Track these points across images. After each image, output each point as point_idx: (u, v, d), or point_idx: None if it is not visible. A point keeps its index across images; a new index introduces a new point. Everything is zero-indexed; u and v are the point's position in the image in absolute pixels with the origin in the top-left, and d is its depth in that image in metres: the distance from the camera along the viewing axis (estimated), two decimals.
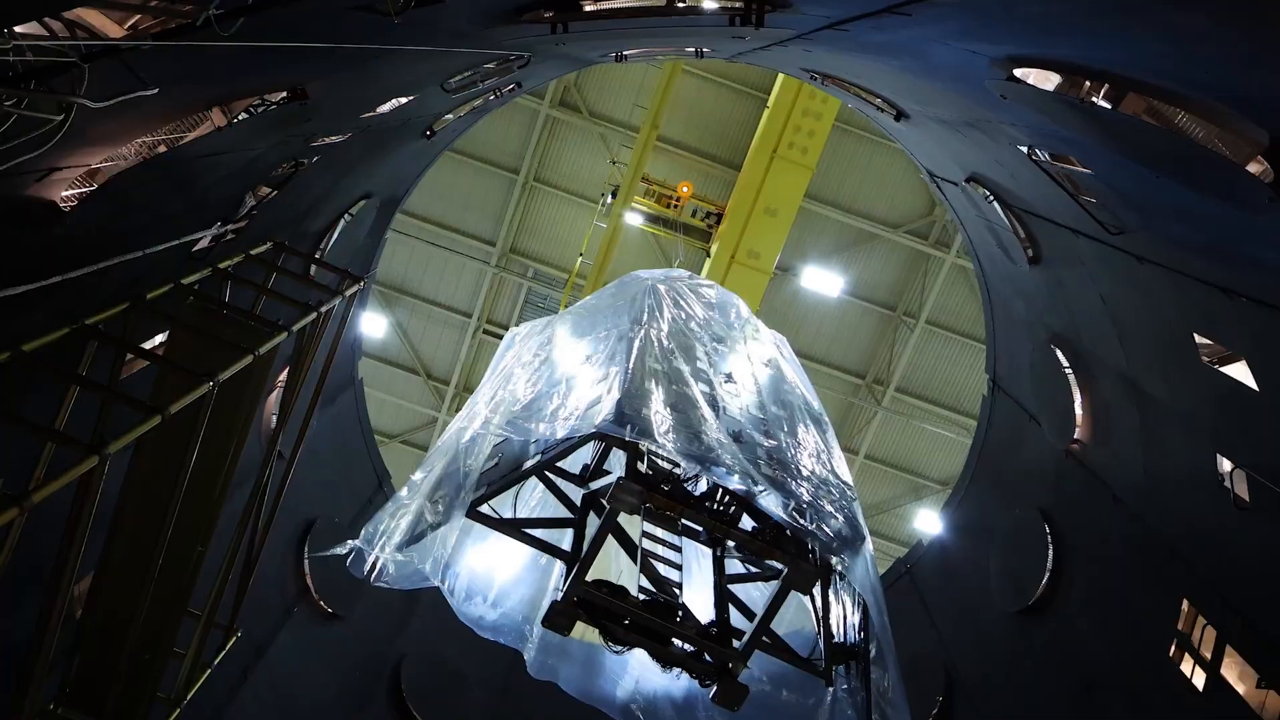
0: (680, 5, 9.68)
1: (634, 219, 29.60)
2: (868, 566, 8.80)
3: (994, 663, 14.52)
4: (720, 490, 9.50)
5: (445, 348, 33.76)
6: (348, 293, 11.02)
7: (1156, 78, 6.12)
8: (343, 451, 18.67)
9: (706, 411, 9.70)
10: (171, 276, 9.01)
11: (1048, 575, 13.63)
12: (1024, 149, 9.99)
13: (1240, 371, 9.26)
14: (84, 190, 7.37)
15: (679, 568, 9.80)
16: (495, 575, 11.02)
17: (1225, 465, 9.78)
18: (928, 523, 28.63)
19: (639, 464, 9.43)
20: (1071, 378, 13.90)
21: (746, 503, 8.94)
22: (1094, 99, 7.58)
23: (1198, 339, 9.69)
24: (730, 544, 9.47)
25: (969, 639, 15.53)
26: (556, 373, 11.02)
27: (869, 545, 8.92)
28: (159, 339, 10.56)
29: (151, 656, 8.91)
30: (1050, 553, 13.75)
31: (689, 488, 9.64)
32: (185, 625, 9.37)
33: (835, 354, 32.61)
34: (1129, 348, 11.61)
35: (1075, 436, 13.88)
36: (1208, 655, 9.95)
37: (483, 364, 33.39)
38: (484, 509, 9.57)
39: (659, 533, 9.52)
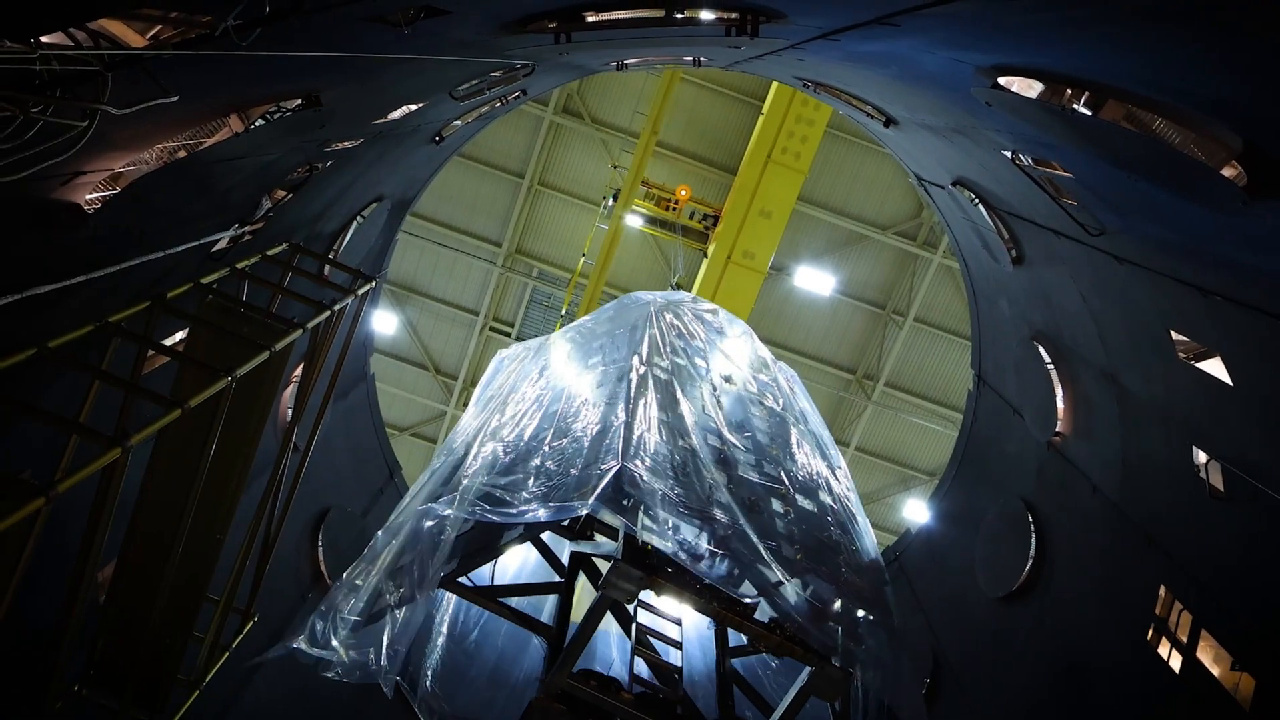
0: (679, 16, 9.66)
1: (634, 221, 29.57)
2: (904, 673, 7.53)
3: (979, 646, 14.53)
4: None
5: (453, 344, 33.76)
6: (360, 291, 11.02)
7: (1135, 85, 6.12)
8: (355, 444, 18.67)
9: (717, 474, 8.60)
10: (191, 276, 9.02)
11: (1030, 562, 13.64)
12: (1008, 154, 9.98)
13: (1215, 367, 9.26)
14: (107, 193, 7.37)
15: (679, 645, 8.95)
16: (478, 653, 9.96)
17: (1201, 457, 9.78)
18: (916, 512, 28.59)
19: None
20: (1053, 373, 13.90)
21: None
22: (1075, 106, 7.57)
23: (1174, 336, 9.69)
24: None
25: (955, 623, 15.54)
26: (547, 413, 9.83)
27: (906, 660, 7.69)
28: (179, 336, 10.56)
29: (172, 640, 8.92)
30: (1033, 541, 13.75)
31: None
32: (204, 610, 9.38)
33: (827, 350, 32.60)
34: (1108, 344, 11.61)
35: (1057, 429, 13.89)
36: (1184, 639, 9.96)
37: (488, 359, 33.33)
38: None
39: (656, 600, 8.72)
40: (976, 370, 18.12)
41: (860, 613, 7.75)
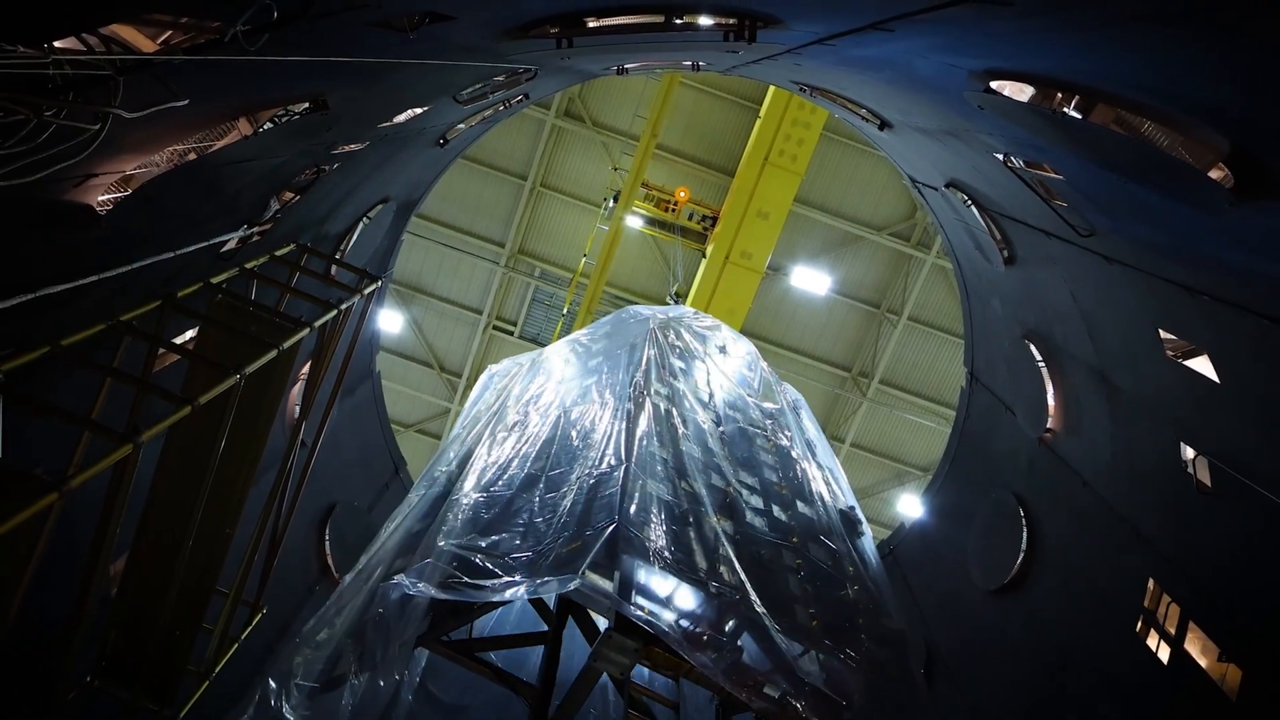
0: (678, 22, 9.65)
1: (634, 222, 29.56)
2: None
3: (972, 638, 14.54)
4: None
5: (457, 343, 33.75)
6: (366, 291, 11.01)
7: (1124, 89, 6.12)
8: (362, 440, 18.68)
9: (721, 524, 7.86)
10: (201, 276, 9.01)
11: (1022, 556, 13.65)
12: (1000, 156, 9.97)
13: (1203, 365, 9.26)
14: (119, 195, 7.36)
15: (675, 707, 8.41)
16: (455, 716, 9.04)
17: (1188, 453, 9.79)
18: (910, 506, 28.59)
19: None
20: (1044, 370, 13.90)
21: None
22: (1065, 109, 7.57)
23: (1163, 334, 9.69)
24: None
25: (948, 616, 15.54)
26: (538, 453, 8.87)
27: None
28: (189, 334, 10.56)
29: (182, 632, 8.92)
30: (1024, 534, 13.76)
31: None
32: (214, 602, 9.38)
33: (823, 348, 32.59)
34: (1098, 342, 11.61)
35: (1048, 426, 13.88)
36: (1172, 631, 9.96)
37: (492, 358, 33.42)
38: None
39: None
40: (969, 368, 18.12)
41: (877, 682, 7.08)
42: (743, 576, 7.20)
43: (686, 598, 6.91)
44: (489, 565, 6.99)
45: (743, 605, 6.93)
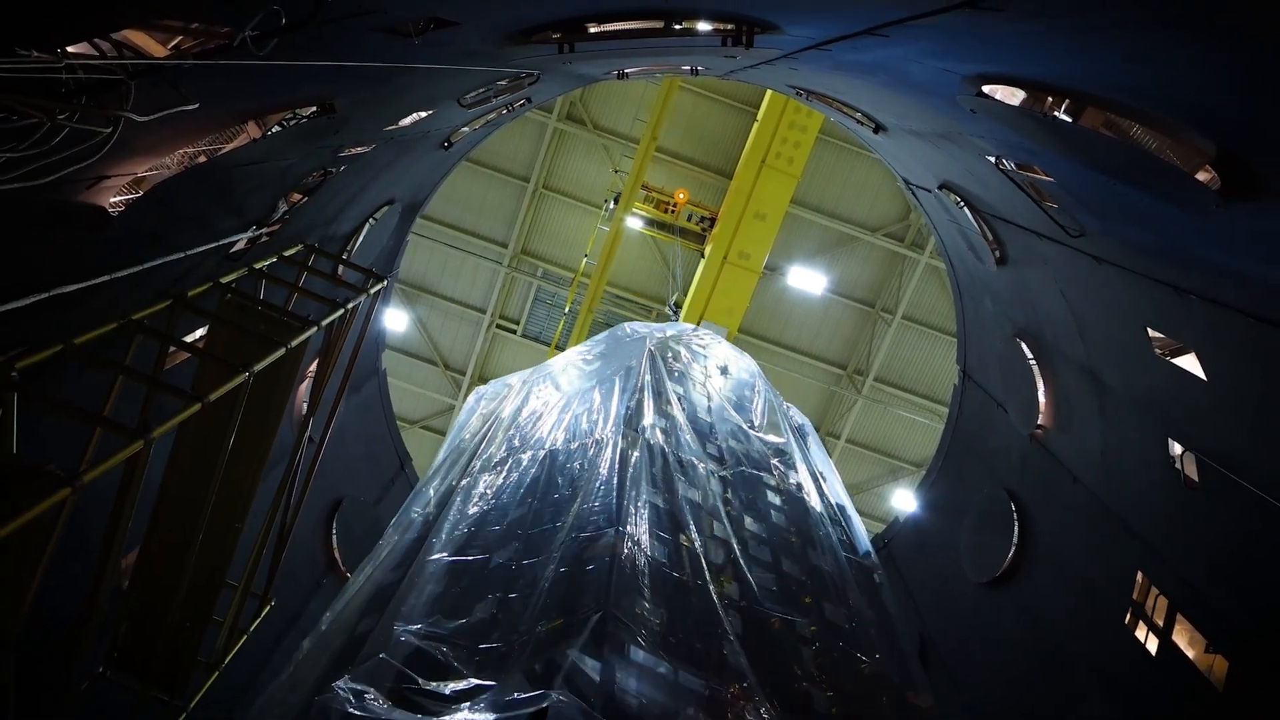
0: (677, 27, 9.64)
1: (634, 223, 29.55)
2: None
3: (964, 629, 14.55)
4: None
5: (461, 341, 33.74)
6: (372, 290, 11.02)
7: (1113, 93, 6.11)
8: (368, 436, 18.68)
9: (724, 586, 7.01)
10: (211, 276, 9.02)
11: (1013, 549, 13.66)
12: (992, 158, 9.97)
13: (1190, 363, 9.26)
14: (130, 197, 7.36)
15: None
16: None
17: (1176, 449, 9.79)
18: (904, 501, 28.60)
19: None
20: (1035, 368, 13.90)
21: None
22: (1056, 113, 7.56)
23: (1151, 333, 9.69)
24: None
25: (941, 607, 15.56)
26: (515, 514, 7.83)
27: None
28: (199, 333, 10.56)
29: (192, 624, 8.93)
30: (1015, 528, 13.77)
31: None
32: (223, 595, 9.39)
33: (819, 346, 32.59)
34: (1088, 341, 11.60)
35: (1039, 422, 13.89)
36: (1160, 622, 9.97)
37: (495, 355, 33.49)
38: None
39: None
40: (962, 366, 18.12)
41: None
42: (745, 664, 6.30)
43: (684, 692, 6.00)
44: (453, 661, 6.01)
45: (749, 700, 6.08)
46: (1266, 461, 8.08)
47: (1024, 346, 14.23)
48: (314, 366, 12.54)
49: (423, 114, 12.20)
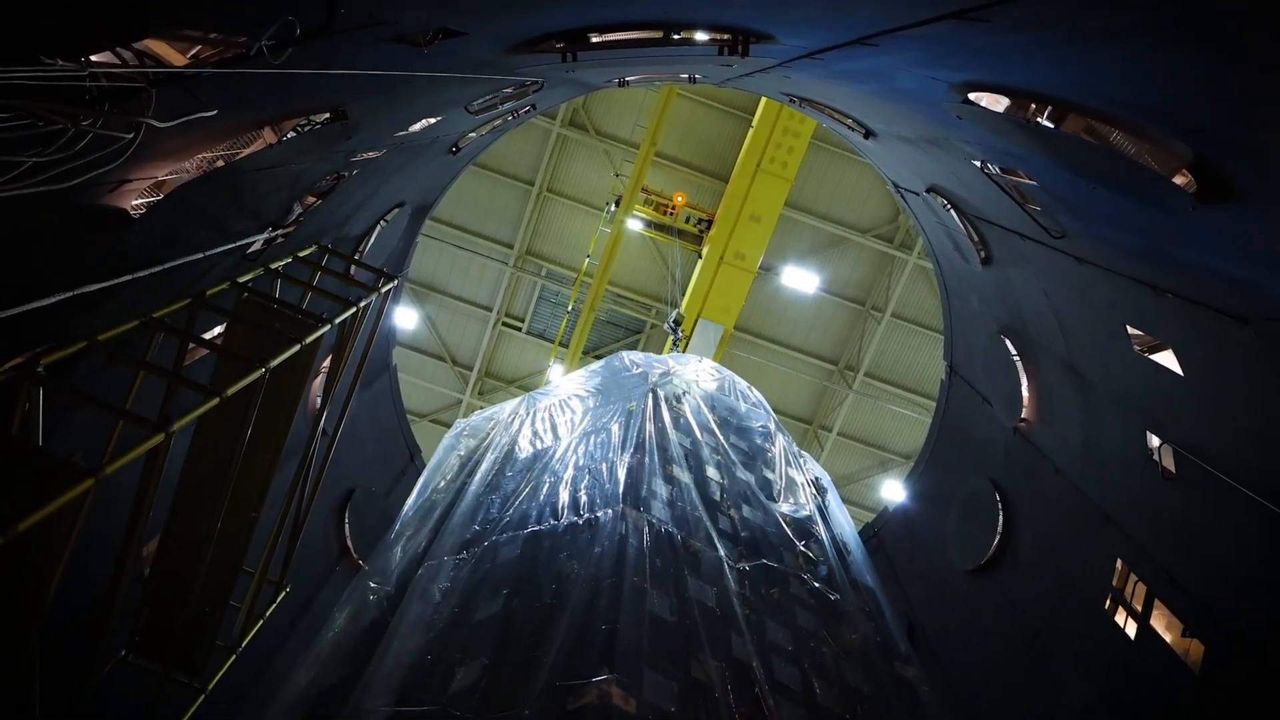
0: (675, 37, 9.63)
1: (635, 225, 29.52)
2: None
3: (951, 615, 14.56)
4: None
5: (469, 338, 33.75)
6: (383, 290, 11.02)
7: (1094, 101, 6.12)
8: (379, 429, 18.69)
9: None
10: (228, 275, 9.02)
11: (998, 538, 13.67)
12: (977, 163, 9.97)
13: (1168, 359, 9.27)
14: (151, 199, 7.36)
15: None
16: None
17: (1154, 441, 9.80)
18: (893, 492, 28.63)
19: None
20: (1019, 364, 13.91)
21: None
22: (1039, 119, 7.56)
23: (1130, 330, 9.70)
24: None
25: (928, 594, 15.57)
26: (495, 615, 6.51)
27: None
28: (217, 330, 10.57)
29: (210, 609, 8.94)
30: (1000, 518, 13.78)
31: None
32: (240, 581, 9.40)
33: (811, 343, 32.59)
34: (1070, 338, 11.61)
35: (1023, 416, 13.89)
36: (1139, 608, 9.98)
37: (501, 352, 33.51)
38: None
39: None
40: (949, 362, 18.12)
41: None
42: None
43: None
44: None
45: None
46: (1240, 453, 8.10)
47: (1008, 343, 14.23)
48: (327, 362, 12.54)
49: (432, 120, 12.19)
